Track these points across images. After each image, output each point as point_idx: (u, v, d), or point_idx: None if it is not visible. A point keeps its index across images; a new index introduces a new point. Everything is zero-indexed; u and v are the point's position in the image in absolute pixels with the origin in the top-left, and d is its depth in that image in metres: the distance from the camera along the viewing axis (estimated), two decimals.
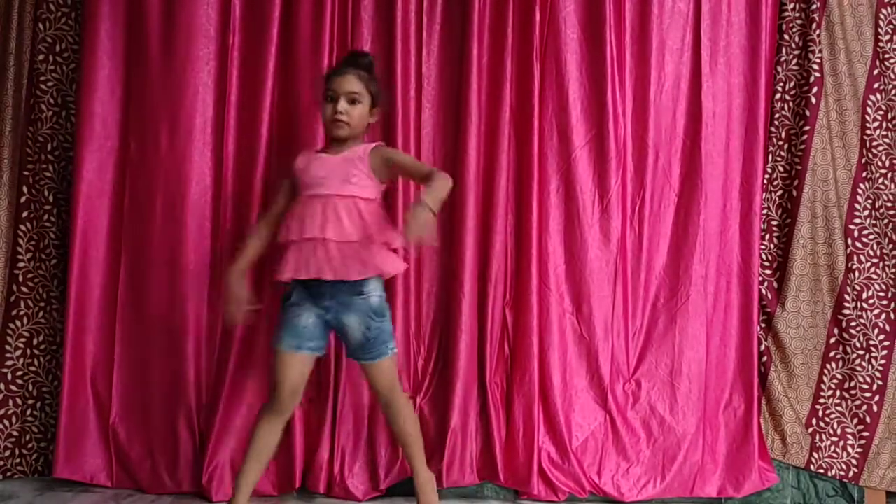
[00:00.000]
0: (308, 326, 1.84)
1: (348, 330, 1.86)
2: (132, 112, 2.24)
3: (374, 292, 1.86)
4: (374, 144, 1.92)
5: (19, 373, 2.26)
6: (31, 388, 2.27)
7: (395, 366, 1.95)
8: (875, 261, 2.37)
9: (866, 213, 2.37)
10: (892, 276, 2.36)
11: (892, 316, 2.35)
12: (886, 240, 2.38)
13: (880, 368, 2.34)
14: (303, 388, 1.91)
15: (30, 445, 2.25)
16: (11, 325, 2.26)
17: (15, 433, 2.24)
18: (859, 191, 2.38)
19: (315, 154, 1.94)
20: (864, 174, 2.38)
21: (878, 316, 2.35)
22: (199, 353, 2.21)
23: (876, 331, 2.35)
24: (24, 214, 2.27)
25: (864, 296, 2.35)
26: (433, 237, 1.69)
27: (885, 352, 2.34)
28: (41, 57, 2.27)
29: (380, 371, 1.90)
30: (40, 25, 2.27)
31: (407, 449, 1.99)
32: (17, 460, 2.24)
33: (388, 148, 1.98)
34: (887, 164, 2.38)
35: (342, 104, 1.84)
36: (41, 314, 2.28)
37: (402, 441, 1.99)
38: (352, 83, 1.87)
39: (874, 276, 2.36)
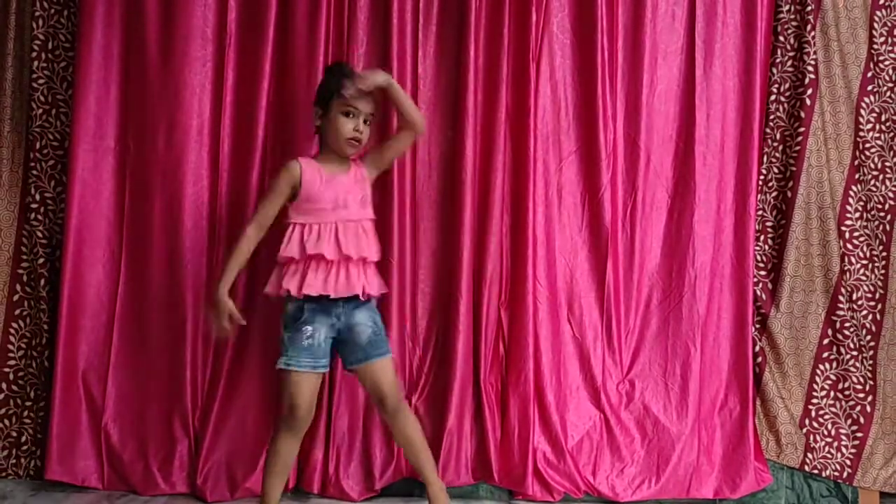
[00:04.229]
0: (321, 344, 1.98)
1: (358, 329, 1.99)
2: (130, 113, 2.36)
3: (374, 302, 2.08)
4: (359, 159, 2.11)
5: (20, 373, 2.38)
6: (28, 389, 2.38)
7: None
8: (864, 262, 2.51)
9: (857, 214, 2.51)
10: (881, 278, 2.51)
11: (877, 317, 2.51)
12: (876, 241, 2.52)
13: (870, 369, 2.49)
14: (315, 404, 2.04)
15: (24, 447, 2.37)
16: (14, 325, 2.38)
17: (14, 434, 2.36)
18: (851, 193, 2.52)
19: (320, 167, 2.03)
20: (857, 176, 2.53)
21: (865, 317, 2.50)
22: (195, 353, 2.32)
23: (864, 331, 2.50)
24: (31, 216, 2.39)
25: (854, 296, 2.51)
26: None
27: (871, 352, 2.49)
28: (34, 54, 2.36)
29: (388, 368, 2.03)
30: (33, 23, 2.37)
31: (417, 457, 2.05)
32: (13, 461, 2.35)
33: (368, 156, 2.14)
34: (879, 165, 2.52)
35: (362, 125, 2.01)
36: (37, 315, 2.39)
37: (413, 449, 2.06)
38: (371, 106, 2.04)
39: (863, 278, 2.50)
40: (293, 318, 1.99)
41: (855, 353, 2.50)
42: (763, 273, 2.53)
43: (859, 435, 2.49)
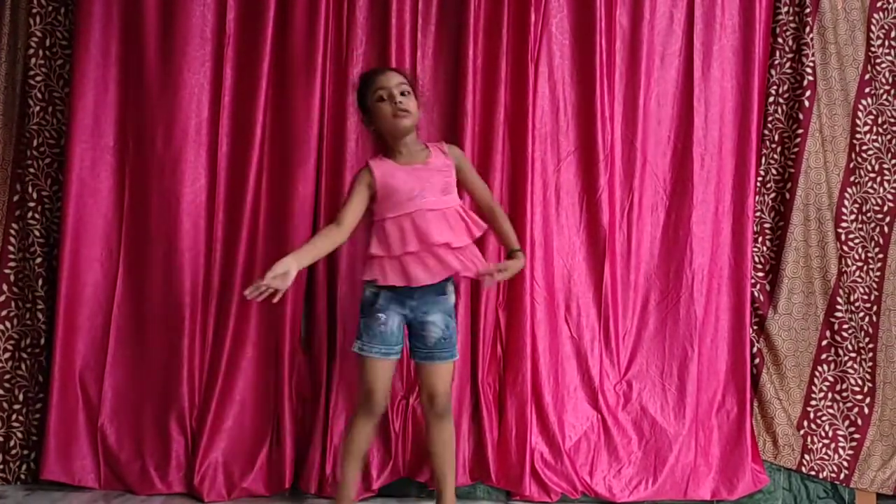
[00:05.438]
0: (394, 332, 2.02)
1: (430, 328, 2.03)
2: (129, 111, 2.39)
3: (452, 292, 2.09)
4: (444, 144, 2.11)
5: (7, 376, 2.38)
6: (17, 392, 2.38)
7: None
8: (860, 264, 2.56)
9: (853, 217, 2.56)
10: (876, 280, 2.56)
11: (874, 319, 2.56)
12: (872, 243, 2.56)
13: (869, 371, 2.54)
14: (390, 388, 2.11)
15: (14, 451, 2.37)
16: (0, 327, 2.38)
17: (0, 438, 2.36)
18: (846, 195, 2.56)
19: (392, 163, 2.04)
20: (852, 178, 2.57)
21: (862, 319, 2.55)
22: (192, 353, 2.36)
23: (862, 333, 2.54)
24: (17, 213, 2.39)
25: (852, 298, 2.55)
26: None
27: (870, 354, 2.54)
28: (31, 51, 2.38)
29: (448, 372, 2.07)
30: (31, 20, 2.39)
31: (444, 468, 2.08)
32: (1, 466, 2.35)
33: (459, 152, 2.16)
34: (877, 168, 2.57)
35: (398, 95, 1.99)
36: (27, 315, 2.40)
37: (444, 457, 2.08)
38: (398, 77, 2.04)
39: (859, 280, 2.55)
40: (369, 304, 2.03)
41: (853, 354, 2.54)
42: (761, 275, 2.57)
43: (857, 437, 2.53)
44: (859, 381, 2.54)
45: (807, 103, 2.53)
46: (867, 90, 2.58)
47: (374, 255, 2.01)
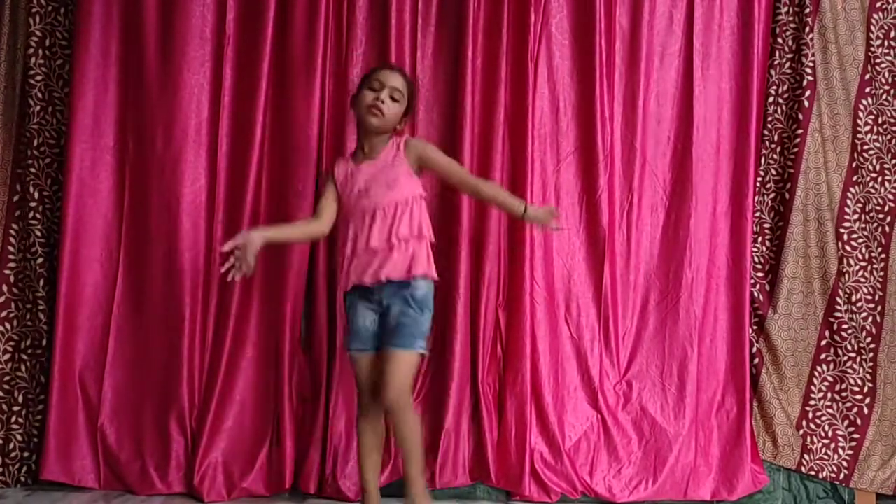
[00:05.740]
0: (367, 327, 2.04)
1: (391, 314, 1.99)
2: (129, 111, 2.40)
3: (420, 284, 2.00)
4: (404, 138, 2.08)
5: (6, 378, 2.37)
6: (16, 394, 2.38)
7: (414, 370, 2.00)
8: (863, 264, 2.57)
9: (856, 216, 2.57)
10: (880, 280, 2.57)
11: (877, 319, 2.56)
12: (875, 243, 2.58)
13: (870, 371, 2.55)
14: (375, 385, 2.05)
15: (13, 454, 2.36)
16: (0, 328, 2.37)
17: None
18: (849, 194, 2.57)
19: (352, 163, 2.08)
20: (855, 178, 2.58)
21: (865, 319, 2.56)
22: (192, 352, 2.37)
23: (864, 333, 2.55)
24: (17, 214, 2.39)
25: (853, 298, 2.56)
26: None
27: (871, 354, 2.55)
28: (31, 51, 2.39)
29: (404, 364, 1.95)
30: (30, 19, 2.39)
31: (409, 461, 2.01)
32: (0, 469, 2.34)
33: (421, 142, 2.13)
34: (878, 168, 2.58)
35: (385, 95, 2.00)
36: (28, 316, 2.40)
37: (407, 453, 2.01)
38: (399, 81, 2.04)
39: (862, 280, 2.56)
40: (344, 304, 2.13)
41: (853, 354, 2.55)
42: (760, 275, 2.58)
43: (856, 437, 2.54)
44: (859, 382, 2.55)
45: (806, 103, 2.54)
46: (867, 90, 2.60)
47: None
